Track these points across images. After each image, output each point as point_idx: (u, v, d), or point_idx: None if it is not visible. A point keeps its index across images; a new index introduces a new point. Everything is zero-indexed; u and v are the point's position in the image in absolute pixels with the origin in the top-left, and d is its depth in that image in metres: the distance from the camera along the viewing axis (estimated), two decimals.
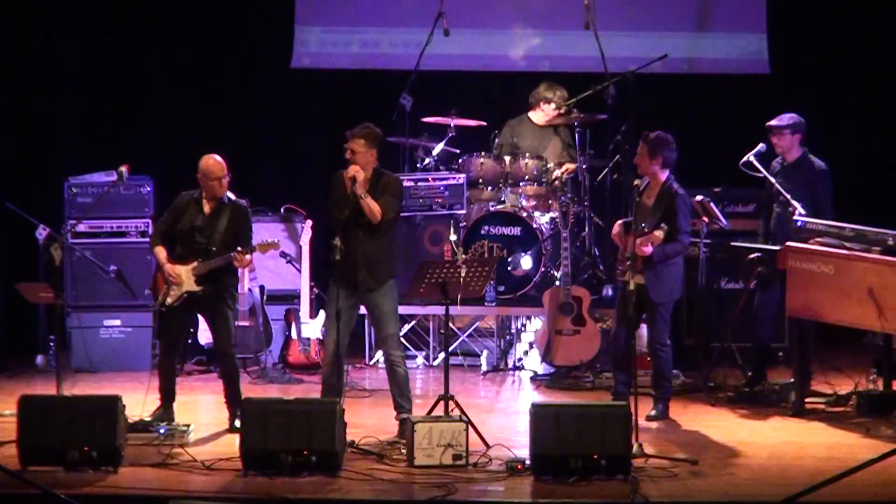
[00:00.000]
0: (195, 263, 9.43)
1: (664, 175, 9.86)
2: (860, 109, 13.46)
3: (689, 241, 10.00)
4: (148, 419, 9.22)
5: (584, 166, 12.06)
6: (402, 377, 9.35)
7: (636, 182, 9.68)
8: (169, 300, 9.48)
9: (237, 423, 9.38)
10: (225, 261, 9.40)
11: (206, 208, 9.53)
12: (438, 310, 11.14)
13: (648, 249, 9.60)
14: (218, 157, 9.54)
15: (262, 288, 11.79)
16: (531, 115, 12.44)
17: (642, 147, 9.88)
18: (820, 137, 12.95)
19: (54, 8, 13.24)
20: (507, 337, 12.16)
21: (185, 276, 9.44)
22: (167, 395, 9.58)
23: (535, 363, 11.74)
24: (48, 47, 13.22)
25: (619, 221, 10.01)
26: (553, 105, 12.27)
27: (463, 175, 12.09)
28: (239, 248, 9.37)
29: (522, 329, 12.13)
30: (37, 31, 13.19)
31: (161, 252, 9.54)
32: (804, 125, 10.50)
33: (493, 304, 11.92)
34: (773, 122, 10.51)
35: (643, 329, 10.52)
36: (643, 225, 9.68)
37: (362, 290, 9.22)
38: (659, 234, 9.68)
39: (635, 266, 9.61)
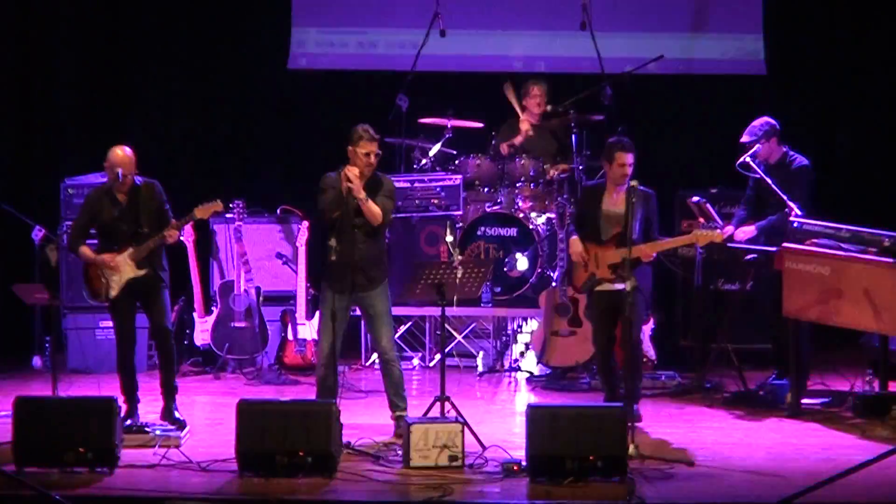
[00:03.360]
0: (130, 250, 9.39)
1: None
2: (856, 110, 13.46)
3: None
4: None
5: (581, 167, 12.05)
6: (398, 377, 9.37)
7: (593, 186, 9.65)
8: (113, 292, 9.43)
9: (177, 415, 9.41)
10: (161, 240, 9.38)
11: (122, 197, 9.44)
12: (435, 311, 11.15)
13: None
14: (127, 150, 9.40)
15: (258, 289, 11.79)
16: (533, 113, 12.43)
17: (632, 155, 9.73)
18: (816, 138, 12.99)
19: (52, 9, 13.24)
20: (504, 338, 12.16)
21: (123, 264, 9.40)
22: (131, 395, 9.51)
23: (531, 364, 11.74)
24: (45, 49, 13.23)
25: (575, 237, 9.80)
26: (535, 93, 12.24)
27: (459, 176, 12.09)
28: (173, 222, 9.36)
29: (519, 330, 12.12)
30: (34, 33, 13.21)
31: (86, 249, 9.49)
32: (775, 127, 10.44)
33: (490, 305, 11.92)
34: (744, 140, 10.45)
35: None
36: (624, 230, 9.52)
37: (358, 291, 9.22)
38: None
39: (623, 272, 9.41)
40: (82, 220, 9.60)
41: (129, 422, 9.11)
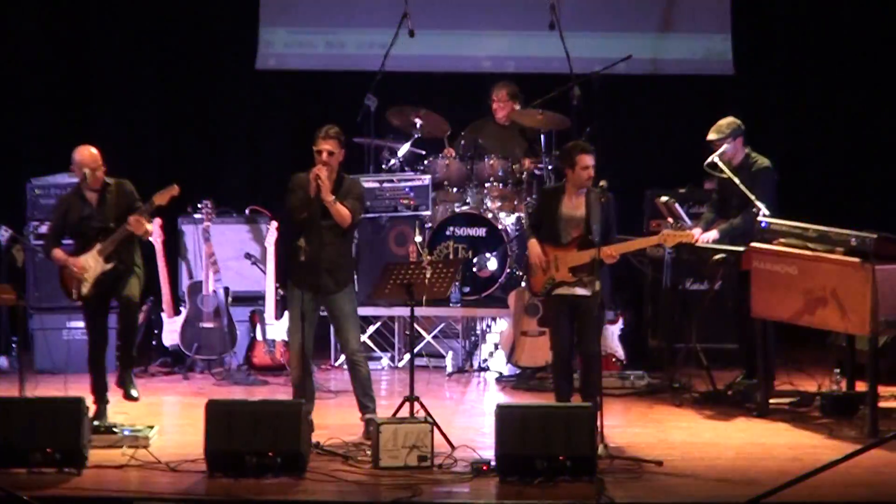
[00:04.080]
0: (98, 246, 9.38)
1: None
2: (823, 110, 13.50)
3: None
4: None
5: (549, 167, 12.06)
6: (365, 377, 9.35)
7: (552, 189, 9.67)
8: (85, 290, 9.42)
9: (133, 393, 9.40)
10: (125, 232, 9.36)
11: (91, 196, 9.47)
12: (403, 311, 11.12)
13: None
14: (92, 149, 9.45)
15: (226, 289, 11.75)
16: (496, 116, 12.42)
17: (593, 157, 9.62)
18: (783, 138, 13.04)
19: (16, 7, 13.16)
20: (473, 338, 12.15)
21: (92, 262, 9.39)
22: (101, 395, 9.48)
23: (500, 364, 11.74)
24: (10, 48, 13.15)
25: (534, 240, 9.68)
26: (493, 98, 12.23)
27: (428, 176, 12.08)
28: (136, 213, 9.36)
29: (488, 330, 12.11)
30: None
31: (58, 252, 9.51)
32: (741, 127, 10.47)
33: (459, 305, 11.91)
34: (712, 137, 10.47)
35: (609, 330, 10.60)
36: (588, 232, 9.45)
37: (324, 293, 9.21)
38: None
39: (585, 275, 9.38)
40: (54, 224, 9.63)
41: (97, 422, 9.07)
